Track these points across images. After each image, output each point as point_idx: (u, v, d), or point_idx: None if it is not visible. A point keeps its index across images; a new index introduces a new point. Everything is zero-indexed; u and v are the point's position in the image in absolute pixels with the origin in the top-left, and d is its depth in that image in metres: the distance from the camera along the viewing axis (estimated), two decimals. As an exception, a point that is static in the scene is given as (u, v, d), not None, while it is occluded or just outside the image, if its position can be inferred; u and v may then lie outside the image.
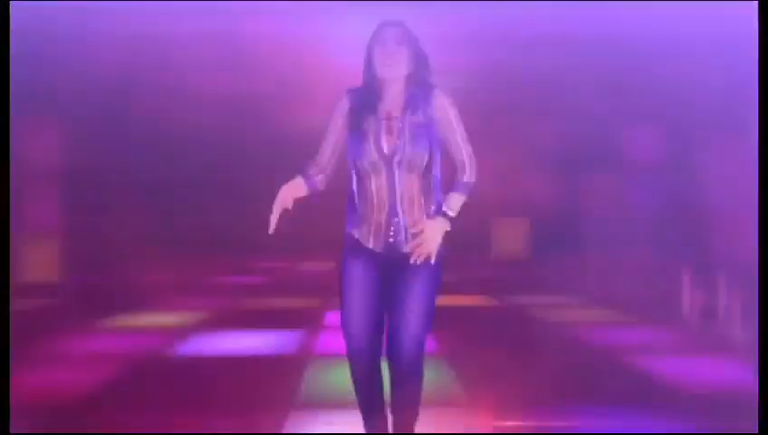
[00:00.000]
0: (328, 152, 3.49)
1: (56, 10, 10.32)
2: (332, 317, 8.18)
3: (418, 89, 3.40)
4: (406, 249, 3.37)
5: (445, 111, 3.40)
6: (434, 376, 3.57)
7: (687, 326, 7.45)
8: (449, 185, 3.46)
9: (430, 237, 3.34)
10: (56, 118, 12.53)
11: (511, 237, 14.72)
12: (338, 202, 3.55)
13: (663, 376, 5.47)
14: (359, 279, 3.40)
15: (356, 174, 3.41)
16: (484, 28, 10.97)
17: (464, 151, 3.42)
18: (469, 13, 10.57)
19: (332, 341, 6.79)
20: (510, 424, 4.40)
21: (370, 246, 3.40)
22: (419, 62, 3.42)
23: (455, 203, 3.40)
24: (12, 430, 3.88)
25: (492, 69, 13.05)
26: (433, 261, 3.36)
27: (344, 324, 3.40)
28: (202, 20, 10.92)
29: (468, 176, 3.42)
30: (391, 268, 3.41)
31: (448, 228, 3.39)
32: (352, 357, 3.40)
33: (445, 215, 3.38)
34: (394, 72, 3.37)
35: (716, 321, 7.70)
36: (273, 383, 5.32)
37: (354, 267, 3.41)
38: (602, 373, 5.68)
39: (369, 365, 3.41)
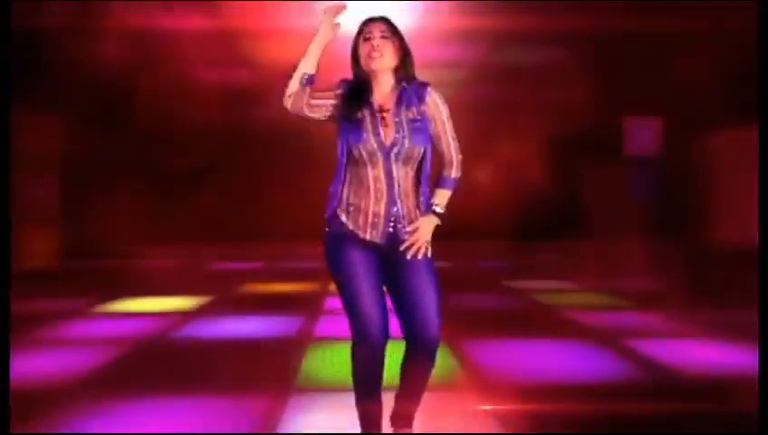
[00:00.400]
0: (319, 95, 3.48)
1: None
2: (332, 302, 8.20)
3: (411, 85, 3.47)
4: (405, 236, 3.43)
5: (437, 108, 3.47)
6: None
7: (687, 311, 7.46)
8: (436, 180, 3.54)
9: (425, 233, 3.45)
10: (60, 107, 12.52)
11: (509, 222, 14.72)
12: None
13: (663, 360, 5.47)
14: (364, 268, 3.43)
15: (350, 162, 3.44)
16: (482, 21, 10.97)
17: (452, 148, 3.51)
18: (469, 6, 10.57)
19: (332, 325, 6.81)
20: (506, 408, 4.42)
21: (368, 237, 3.42)
22: (405, 55, 3.48)
23: (442, 199, 3.52)
24: (12, 431, 3.88)
25: (491, 60, 13.07)
26: (429, 255, 3.46)
27: (359, 314, 3.39)
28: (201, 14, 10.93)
29: (455, 172, 3.54)
30: (391, 256, 3.43)
31: (439, 223, 3.50)
32: (369, 344, 3.40)
33: (434, 211, 3.47)
34: (381, 65, 3.44)
35: (716, 305, 7.71)
36: (273, 367, 5.33)
37: (357, 258, 3.43)
38: (602, 357, 5.69)
39: (382, 350, 3.44)
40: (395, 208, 3.42)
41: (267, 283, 10.34)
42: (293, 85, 3.47)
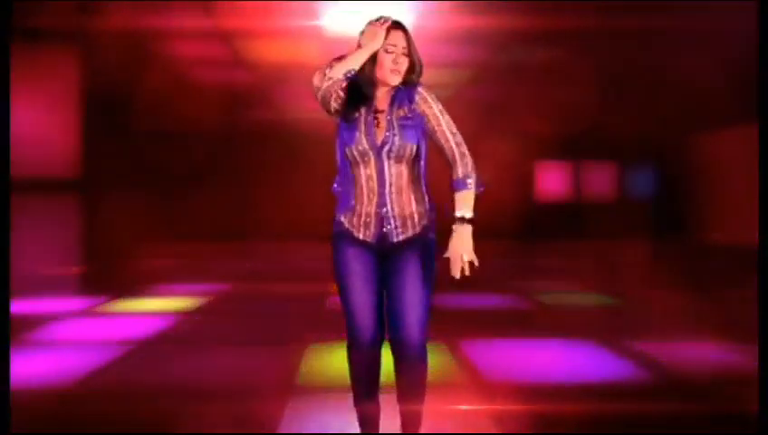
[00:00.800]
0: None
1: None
2: (332, 302, 8.19)
3: (405, 87, 3.49)
4: (396, 238, 3.43)
5: (428, 104, 3.46)
6: (434, 360, 3.57)
7: (687, 310, 7.45)
8: (448, 184, 3.46)
9: (458, 247, 3.35)
10: (60, 110, 12.52)
11: (511, 222, 14.71)
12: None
13: (663, 360, 5.47)
14: (358, 267, 3.44)
15: (346, 162, 3.46)
16: (483, 21, 10.96)
17: (452, 142, 3.45)
18: (471, 6, 10.55)
19: (332, 325, 6.81)
20: (506, 408, 4.41)
21: (361, 237, 3.43)
22: (415, 68, 3.49)
23: (462, 204, 3.41)
24: (13, 430, 3.88)
25: (494, 61, 13.06)
26: (467, 272, 3.37)
27: (350, 312, 3.43)
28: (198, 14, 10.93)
29: (462, 170, 3.43)
30: (385, 256, 3.44)
31: (471, 228, 3.38)
32: (359, 344, 3.42)
33: (462, 220, 3.38)
34: (397, 81, 3.46)
35: (716, 305, 7.71)
36: (274, 367, 5.32)
37: (351, 256, 3.45)
38: (602, 357, 5.69)
39: (375, 351, 3.45)
40: (384, 209, 3.43)
41: (267, 282, 10.33)
42: (337, 73, 3.43)
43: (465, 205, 3.40)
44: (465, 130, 3.53)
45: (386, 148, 3.41)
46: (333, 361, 5.41)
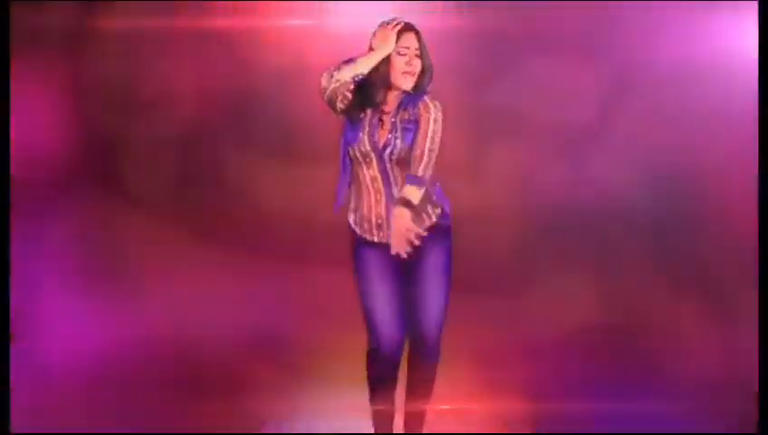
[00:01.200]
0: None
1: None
2: (336, 301, 8.16)
3: (413, 91, 3.49)
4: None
5: (427, 108, 3.46)
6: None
7: (687, 310, 7.44)
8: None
9: (405, 224, 3.25)
10: (58, 111, 12.48)
11: (507, 224, 14.68)
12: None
13: (663, 360, 5.47)
14: (378, 272, 3.46)
15: (349, 161, 3.48)
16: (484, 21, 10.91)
17: (426, 147, 3.41)
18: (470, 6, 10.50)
19: (333, 325, 6.80)
20: (507, 408, 4.41)
21: (376, 239, 3.43)
22: (426, 73, 3.50)
23: (416, 194, 3.32)
24: (12, 430, 3.89)
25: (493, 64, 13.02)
26: (416, 242, 3.28)
27: (372, 319, 3.43)
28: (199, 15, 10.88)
29: (423, 170, 3.37)
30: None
31: (404, 210, 3.27)
32: (381, 350, 3.42)
33: (408, 203, 3.30)
34: (411, 84, 3.47)
35: (716, 304, 7.69)
36: (273, 367, 5.32)
37: (370, 261, 3.47)
38: (601, 357, 5.68)
39: (397, 357, 3.47)
40: None
41: (268, 281, 10.29)
42: (345, 76, 3.40)
43: (413, 196, 3.32)
44: (464, 133, 3.55)
45: (387, 150, 3.43)
46: (334, 360, 5.41)
